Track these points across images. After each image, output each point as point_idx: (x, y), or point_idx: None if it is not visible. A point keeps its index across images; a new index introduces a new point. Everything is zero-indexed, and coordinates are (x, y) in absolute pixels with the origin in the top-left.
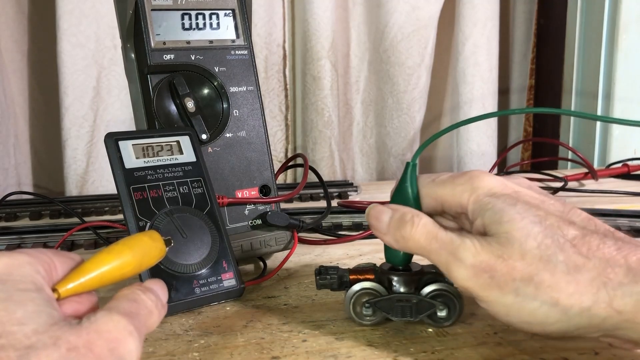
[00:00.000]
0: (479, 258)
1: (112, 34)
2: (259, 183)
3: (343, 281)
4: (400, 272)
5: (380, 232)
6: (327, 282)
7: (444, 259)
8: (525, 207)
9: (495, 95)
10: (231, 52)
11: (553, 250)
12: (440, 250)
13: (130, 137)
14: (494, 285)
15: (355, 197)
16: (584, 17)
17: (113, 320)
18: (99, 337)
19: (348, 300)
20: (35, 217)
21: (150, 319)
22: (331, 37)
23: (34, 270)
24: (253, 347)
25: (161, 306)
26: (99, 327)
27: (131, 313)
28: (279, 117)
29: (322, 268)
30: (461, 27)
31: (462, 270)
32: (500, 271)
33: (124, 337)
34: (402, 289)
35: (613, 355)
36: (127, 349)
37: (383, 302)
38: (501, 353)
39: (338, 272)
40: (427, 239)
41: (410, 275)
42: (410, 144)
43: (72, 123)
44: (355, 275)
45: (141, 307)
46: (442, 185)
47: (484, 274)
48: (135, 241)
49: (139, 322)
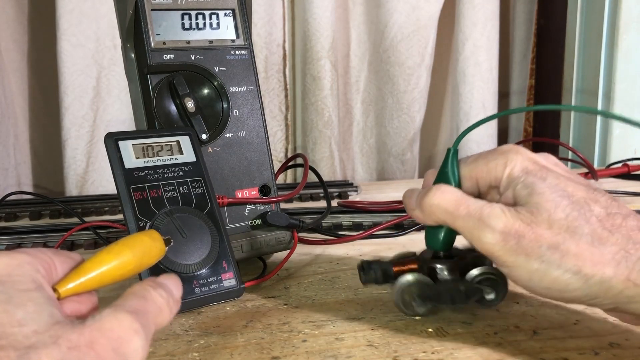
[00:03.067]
0: (509, 224)
1: (112, 34)
2: (259, 183)
3: (387, 274)
4: (443, 259)
5: (410, 208)
6: (372, 277)
7: (472, 224)
8: (554, 182)
9: (495, 95)
10: (231, 52)
11: (580, 222)
12: (469, 216)
13: (130, 137)
14: (520, 251)
15: (355, 197)
16: (584, 17)
17: (118, 318)
18: (101, 336)
19: (397, 294)
20: (35, 217)
21: (160, 316)
22: (331, 37)
23: (34, 270)
24: (253, 347)
25: (173, 303)
26: (102, 325)
27: (138, 310)
28: (279, 117)
29: (364, 263)
30: (461, 27)
31: (491, 235)
32: (528, 238)
33: (128, 336)
34: (448, 276)
35: (613, 355)
36: (131, 347)
37: (431, 292)
38: (501, 353)
39: (381, 265)
40: (455, 205)
41: (453, 262)
42: (410, 144)
43: (72, 123)
44: (399, 267)
45: (150, 304)
46: (475, 163)
47: (512, 239)
48: (135, 241)
49: (146, 319)
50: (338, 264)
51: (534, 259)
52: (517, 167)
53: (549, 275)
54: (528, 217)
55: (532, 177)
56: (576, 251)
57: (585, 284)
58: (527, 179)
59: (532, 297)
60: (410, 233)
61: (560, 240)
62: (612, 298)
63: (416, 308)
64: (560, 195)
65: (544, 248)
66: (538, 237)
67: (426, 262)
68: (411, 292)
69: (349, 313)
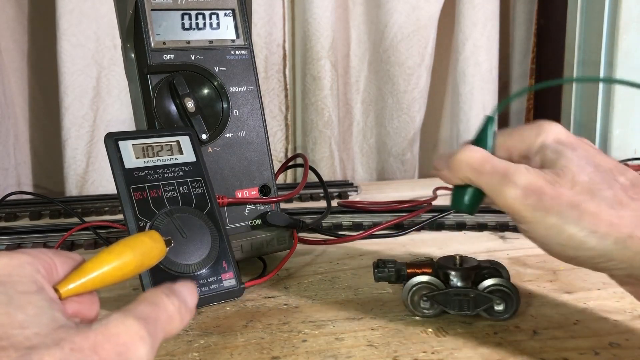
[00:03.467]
0: (532, 181)
1: (112, 34)
2: (259, 183)
3: (401, 274)
4: (457, 267)
5: (439, 168)
6: (385, 275)
7: (496, 180)
8: (584, 152)
9: (495, 95)
10: (231, 52)
11: (602, 187)
12: (493, 173)
13: (130, 137)
14: (540, 206)
15: (355, 197)
16: (584, 17)
17: (125, 323)
18: (106, 341)
19: (406, 293)
20: (35, 217)
21: (170, 324)
22: (331, 37)
23: (34, 270)
24: (253, 347)
25: (185, 311)
26: (108, 330)
27: (148, 317)
28: (279, 117)
29: (380, 261)
30: (461, 27)
31: (513, 190)
32: (549, 194)
33: (133, 342)
34: (460, 283)
35: (613, 355)
36: (136, 354)
37: (441, 295)
38: (501, 353)
39: (396, 265)
40: (481, 162)
41: (467, 270)
42: (410, 144)
43: (72, 123)
44: (413, 269)
45: (161, 311)
46: (510, 133)
47: (533, 195)
48: (136, 241)
49: (155, 327)
50: (338, 264)
51: (552, 215)
52: (550, 136)
53: (565, 231)
54: (552, 177)
55: (562, 146)
56: (595, 211)
57: (600, 243)
58: (558, 147)
59: (532, 297)
60: (410, 233)
61: (581, 200)
62: (627, 261)
63: (423, 309)
64: (587, 162)
65: (564, 205)
66: (559, 195)
67: (441, 268)
68: (421, 292)
69: (349, 313)
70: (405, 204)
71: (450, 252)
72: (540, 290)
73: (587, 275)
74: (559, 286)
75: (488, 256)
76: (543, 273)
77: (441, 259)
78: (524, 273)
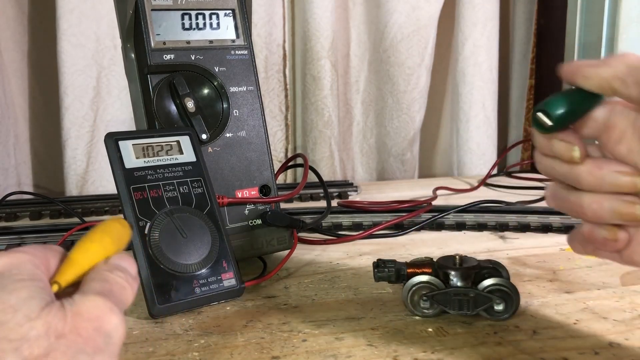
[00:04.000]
0: None
1: (112, 34)
2: (259, 183)
3: (400, 274)
4: (457, 267)
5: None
6: (385, 274)
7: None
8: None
9: (495, 95)
10: (231, 52)
11: None
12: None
13: (130, 137)
14: None
15: (355, 197)
16: (584, 17)
17: (90, 300)
18: (82, 319)
19: (406, 293)
20: (35, 217)
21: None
22: (331, 37)
23: (34, 266)
24: (253, 347)
25: (132, 279)
26: (79, 309)
27: (105, 291)
28: (279, 117)
29: (380, 261)
30: (461, 27)
31: None
32: None
33: (105, 314)
34: (460, 283)
35: (613, 355)
36: (111, 324)
37: (440, 295)
38: (501, 353)
39: (396, 265)
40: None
41: (467, 270)
42: (410, 144)
43: (72, 123)
44: (413, 269)
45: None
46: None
47: None
48: (110, 227)
49: (115, 298)
50: (338, 264)
51: None
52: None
53: None
54: None
55: None
56: None
57: None
58: None
59: (532, 297)
60: (410, 233)
61: None
62: None
63: (423, 309)
64: None
65: None
66: None
67: (441, 268)
68: (421, 292)
69: (349, 313)
70: (405, 204)
71: (450, 252)
72: (540, 290)
73: (587, 275)
74: (558, 286)
75: (488, 256)
76: (543, 273)
77: (441, 259)
78: (524, 273)
